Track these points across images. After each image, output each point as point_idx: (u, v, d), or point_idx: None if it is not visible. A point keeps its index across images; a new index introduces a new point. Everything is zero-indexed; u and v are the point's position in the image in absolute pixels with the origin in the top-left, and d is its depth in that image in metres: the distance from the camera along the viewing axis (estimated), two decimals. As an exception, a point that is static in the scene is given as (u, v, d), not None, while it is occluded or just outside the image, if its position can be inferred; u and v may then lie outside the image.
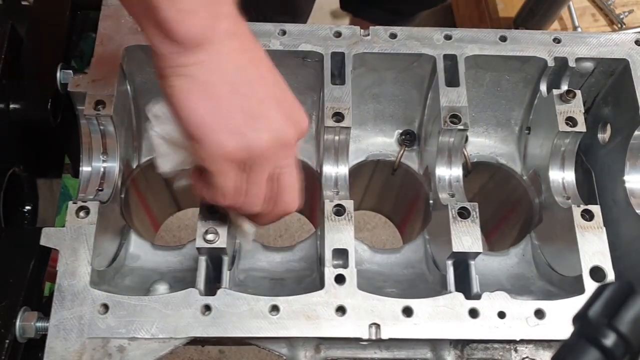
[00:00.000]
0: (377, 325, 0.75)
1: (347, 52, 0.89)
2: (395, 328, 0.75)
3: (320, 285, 0.78)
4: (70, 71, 0.87)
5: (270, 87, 0.64)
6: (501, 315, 0.76)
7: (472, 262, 0.81)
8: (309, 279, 0.91)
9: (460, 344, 0.80)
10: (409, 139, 1.01)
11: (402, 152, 1.00)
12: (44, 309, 0.78)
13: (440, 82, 0.88)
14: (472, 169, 1.00)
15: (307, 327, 0.75)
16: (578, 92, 0.88)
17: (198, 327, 0.74)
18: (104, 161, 0.89)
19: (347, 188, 0.88)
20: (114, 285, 0.86)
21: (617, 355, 0.49)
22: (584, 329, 0.51)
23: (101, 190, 0.87)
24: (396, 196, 1.14)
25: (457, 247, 0.79)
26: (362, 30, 0.91)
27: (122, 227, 0.93)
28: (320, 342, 0.79)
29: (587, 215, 0.83)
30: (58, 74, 0.87)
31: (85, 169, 0.89)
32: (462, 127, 0.86)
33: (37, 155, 0.94)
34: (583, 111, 0.87)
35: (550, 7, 2.00)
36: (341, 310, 0.76)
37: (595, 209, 0.83)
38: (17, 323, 0.75)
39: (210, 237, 0.77)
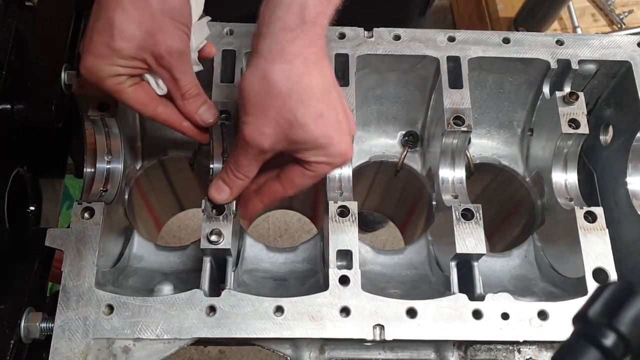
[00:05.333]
0: (381, 326, 0.76)
1: (351, 53, 0.89)
2: (399, 329, 0.76)
3: (324, 286, 0.78)
4: (75, 72, 0.87)
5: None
6: (504, 316, 0.77)
7: (475, 264, 0.81)
8: (312, 280, 0.91)
9: (464, 345, 0.80)
10: (412, 140, 1.01)
11: (405, 153, 1.00)
12: (47, 309, 0.78)
13: (443, 83, 0.88)
14: (475, 170, 1.00)
15: (312, 328, 0.75)
16: (581, 94, 0.88)
17: (203, 328, 0.75)
18: (108, 162, 0.89)
19: (350, 189, 0.88)
20: (118, 285, 0.86)
21: (617, 355, 0.49)
22: (583, 329, 0.51)
23: (105, 191, 0.87)
24: (399, 197, 1.14)
25: (460, 248, 0.79)
26: (365, 32, 0.92)
27: (126, 227, 0.93)
28: (325, 343, 0.79)
29: (590, 217, 0.83)
30: (62, 75, 0.87)
31: (89, 170, 0.89)
32: (465, 129, 0.86)
33: (41, 156, 0.94)
34: (586, 113, 0.88)
35: (550, 8, 2.00)
36: (345, 311, 0.76)
37: (598, 210, 0.83)
38: (22, 324, 0.75)
39: (214, 238, 0.78)
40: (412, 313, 0.76)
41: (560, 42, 0.92)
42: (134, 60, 0.69)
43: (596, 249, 0.81)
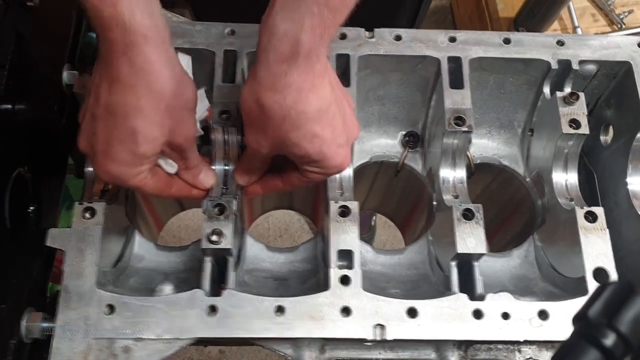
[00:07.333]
0: (382, 326, 0.76)
1: (352, 54, 0.89)
2: (400, 329, 0.76)
3: (324, 286, 0.79)
4: (76, 72, 0.87)
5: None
6: (505, 316, 0.77)
7: (475, 263, 0.82)
8: (312, 280, 0.91)
9: (464, 345, 0.80)
10: (412, 141, 1.01)
11: (405, 153, 1.00)
12: (48, 309, 0.78)
13: (444, 84, 0.88)
14: (476, 170, 1.00)
15: (312, 327, 0.75)
16: (581, 95, 0.88)
17: (204, 327, 0.75)
18: (109, 162, 0.88)
19: (351, 189, 0.89)
20: (119, 285, 0.86)
21: (617, 355, 0.49)
22: (583, 329, 0.51)
23: (106, 190, 0.87)
24: (399, 197, 1.15)
25: (461, 248, 0.79)
26: (366, 32, 0.92)
27: (127, 227, 0.93)
28: (325, 343, 0.79)
29: (591, 217, 0.83)
30: (63, 75, 0.87)
31: (89, 169, 0.89)
32: (466, 129, 0.86)
33: (42, 156, 0.94)
34: (586, 113, 0.88)
35: (550, 8, 2.00)
36: (346, 311, 0.76)
37: (599, 210, 0.83)
38: (23, 324, 0.75)
39: (215, 238, 0.78)
40: (412, 313, 0.76)
41: (560, 43, 0.92)
42: (155, 156, 0.72)
43: (597, 249, 0.81)
